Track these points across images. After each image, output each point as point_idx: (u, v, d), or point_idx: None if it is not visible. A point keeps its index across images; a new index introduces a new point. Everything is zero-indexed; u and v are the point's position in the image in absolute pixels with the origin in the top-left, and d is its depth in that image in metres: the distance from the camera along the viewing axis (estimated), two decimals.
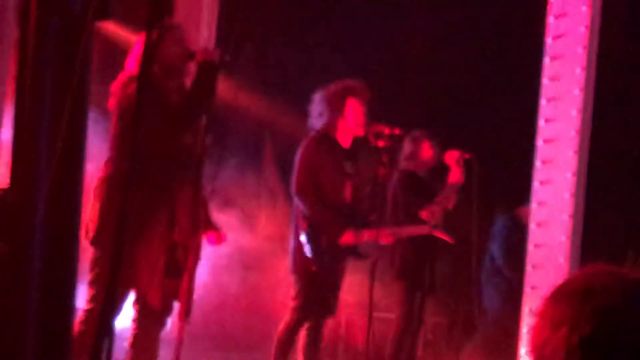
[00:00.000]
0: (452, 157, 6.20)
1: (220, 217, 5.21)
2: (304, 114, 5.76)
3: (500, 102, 7.66)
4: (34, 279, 2.73)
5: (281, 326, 5.55)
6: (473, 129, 7.52)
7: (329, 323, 5.78)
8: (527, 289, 5.62)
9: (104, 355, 2.61)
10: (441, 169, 6.33)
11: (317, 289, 5.49)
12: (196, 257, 4.24)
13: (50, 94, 2.71)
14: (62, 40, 2.72)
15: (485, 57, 7.76)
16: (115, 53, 4.77)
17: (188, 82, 4.63)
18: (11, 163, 2.72)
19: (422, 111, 7.47)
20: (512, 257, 6.73)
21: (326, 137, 5.62)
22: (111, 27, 6.04)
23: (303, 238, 5.45)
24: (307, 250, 5.43)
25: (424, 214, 6.14)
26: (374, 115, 5.61)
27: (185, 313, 4.17)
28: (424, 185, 6.36)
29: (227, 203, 7.19)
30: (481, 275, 7.15)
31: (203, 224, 4.53)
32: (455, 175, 6.14)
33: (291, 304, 5.55)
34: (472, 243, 5.95)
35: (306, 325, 5.55)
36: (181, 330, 4.08)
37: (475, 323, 7.01)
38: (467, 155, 6.15)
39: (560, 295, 1.71)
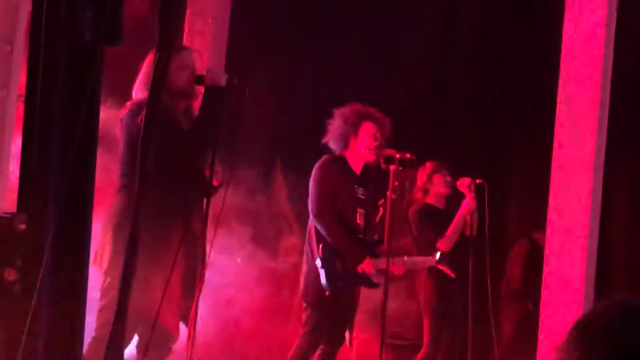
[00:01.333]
0: (464, 185, 6.22)
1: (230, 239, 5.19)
2: (316, 136, 5.73)
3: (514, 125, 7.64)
4: (44, 305, 2.71)
5: (291, 352, 5.49)
6: (486, 155, 7.49)
7: (341, 350, 5.72)
8: (542, 315, 5.55)
9: None
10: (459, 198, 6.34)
11: (330, 316, 5.44)
12: (202, 282, 4.21)
13: (60, 120, 2.69)
14: (72, 66, 2.71)
15: (499, 81, 7.73)
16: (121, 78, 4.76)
17: (197, 106, 4.62)
18: (19, 188, 2.71)
19: (433, 139, 7.45)
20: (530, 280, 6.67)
21: (340, 161, 5.60)
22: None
23: (318, 263, 5.40)
24: (322, 275, 5.38)
25: (440, 244, 6.14)
26: (387, 142, 5.59)
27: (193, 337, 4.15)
28: (439, 216, 6.36)
29: (236, 226, 7.17)
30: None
31: None
32: (467, 204, 6.16)
33: (301, 330, 5.50)
34: (487, 268, 5.90)
35: (318, 352, 5.49)
36: (190, 354, 4.05)
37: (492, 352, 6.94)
38: (478, 181, 6.17)
39: (576, 331, 1.68)
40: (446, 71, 8.04)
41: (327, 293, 5.39)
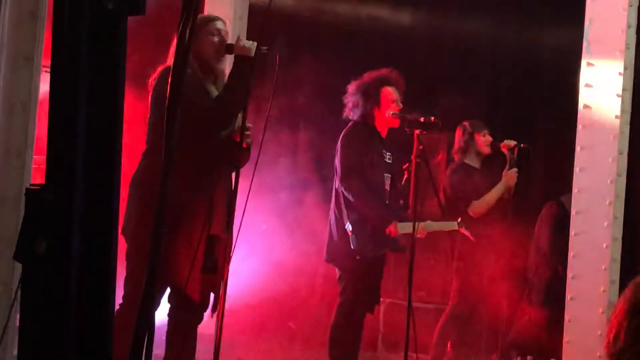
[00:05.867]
0: (508, 147, 6.24)
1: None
2: (339, 105, 5.73)
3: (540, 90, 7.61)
4: (73, 275, 2.73)
5: (333, 323, 5.52)
6: (517, 119, 7.47)
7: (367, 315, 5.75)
8: (569, 278, 5.53)
9: (143, 349, 2.61)
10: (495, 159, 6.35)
11: (362, 279, 5.47)
12: (230, 252, 4.21)
13: (85, 90, 2.69)
14: (96, 36, 2.71)
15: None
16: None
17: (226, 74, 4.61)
18: (47, 160, 2.72)
19: (465, 103, 7.43)
20: (559, 245, 6.66)
21: (366, 126, 5.59)
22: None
23: (348, 227, 5.41)
24: (352, 240, 5.39)
25: (472, 211, 6.16)
26: (413, 105, 5.58)
27: (217, 307, 4.16)
28: (475, 177, 6.36)
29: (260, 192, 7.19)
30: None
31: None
32: (509, 175, 6.19)
33: (339, 298, 5.52)
34: (529, 235, 5.93)
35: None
36: (220, 324, 4.07)
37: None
38: (523, 145, 6.19)
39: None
40: (473, 36, 7.99)
41: (357, 257, 5.41)
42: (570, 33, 6.13)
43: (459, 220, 5.94)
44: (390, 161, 5.63)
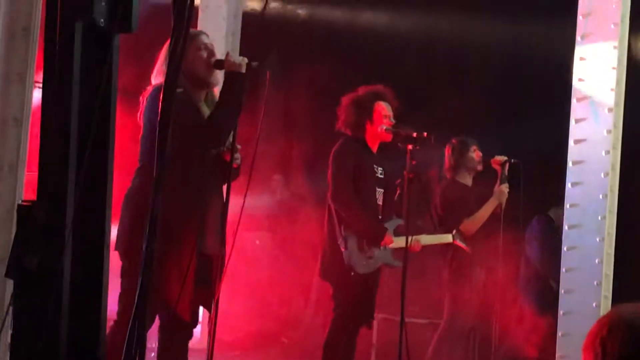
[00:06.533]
0: (499, 162, 6.23)
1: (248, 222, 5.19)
2: (333, 117, 5.74)
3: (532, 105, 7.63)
4: (65, 291, 2.72)
5: (327, 338, 5.51)
6: (507, 134, 7.49)
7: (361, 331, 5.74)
8: (562, 293, 5.54)
9: None
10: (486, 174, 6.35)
11: (356, 296, 5.46)
12: (222, 269, 4.19)
13: (77, 106, 2.69)
14: (88, 53, 2.71)
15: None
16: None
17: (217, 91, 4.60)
18: (39, 177, 2.72)
19: (456, 119, 7.45)
20: (549, 259, 6.67)
21: (357, 141, 5.60)
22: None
23: (341, 244, 5.41)
24: (345, 256, 5.39)
25: (464, 227, 6.15)
26: (405, 122, 5.60)
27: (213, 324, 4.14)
28: (467, 195, 6.36)
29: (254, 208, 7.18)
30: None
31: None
32: (500, 191, 6.18)
33: (332, 314, 5.52)
34: (520, 250, 5.93)
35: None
36: (212, 340, 4.06)
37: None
38: (514, 160, 6.18)
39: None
40: (464, 51, 8.02)
41: (352, 273, 5.41)
42: (562, 49, 6.17)
43: (454, 232, 5.94)
44: (382, 176, 5.64)
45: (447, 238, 5.95)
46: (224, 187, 4.33)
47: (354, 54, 7.95)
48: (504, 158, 6.33)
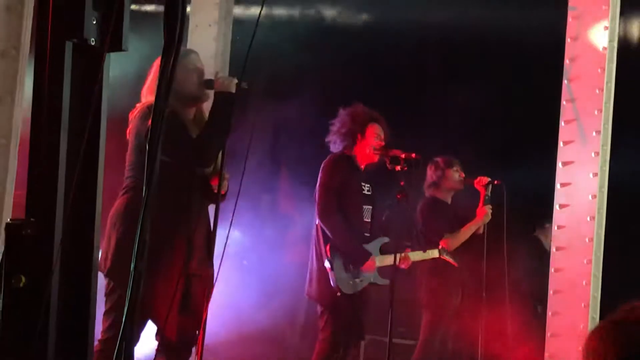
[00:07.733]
0: (481, 183, 6.25)
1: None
2: (320, 139, 5.75)
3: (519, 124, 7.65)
4: (53, 309, 2.72)
5: (313, 358, 5.50)
6: (493, 154, 7.51)
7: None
8: (549, 315, 5.54)
9: None
10: (468, 193, 6.35)
11: (344, 315, 5.45)
12: (210, 289, 4.19)
13: (67, 125, 2.70)
14: (78, 71, 2.71)
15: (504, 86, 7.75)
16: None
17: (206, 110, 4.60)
18: (27, 195, 2.71)
19: (442, 138, 7.46)
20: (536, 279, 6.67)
21: (346, 158, 5.63)
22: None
23: (327, 265, 5.41)
24: (332, 276, 5.39)
25: (444, 243, 6.15)
26: (392, 143, 5.62)
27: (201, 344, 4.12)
28: (446, 211, 6.38)
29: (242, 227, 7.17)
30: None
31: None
32: (483, 212, 6.18)
33: (320, 335, 5.51)
34: (504, 271, 5.93)
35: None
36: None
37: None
38: (497, 182, 6.20)
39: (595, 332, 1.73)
40: (449, 72, 8.06)
41: (338, 294, 5.40)
42: (551, 71, 6.19)
43: (440, 247, 5.96)
44: (369, 193, 5.66)
45: (434, 253, 5.98)
46: (210, 208, 4.33)
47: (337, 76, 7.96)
48: (486, 179, 6.36)
